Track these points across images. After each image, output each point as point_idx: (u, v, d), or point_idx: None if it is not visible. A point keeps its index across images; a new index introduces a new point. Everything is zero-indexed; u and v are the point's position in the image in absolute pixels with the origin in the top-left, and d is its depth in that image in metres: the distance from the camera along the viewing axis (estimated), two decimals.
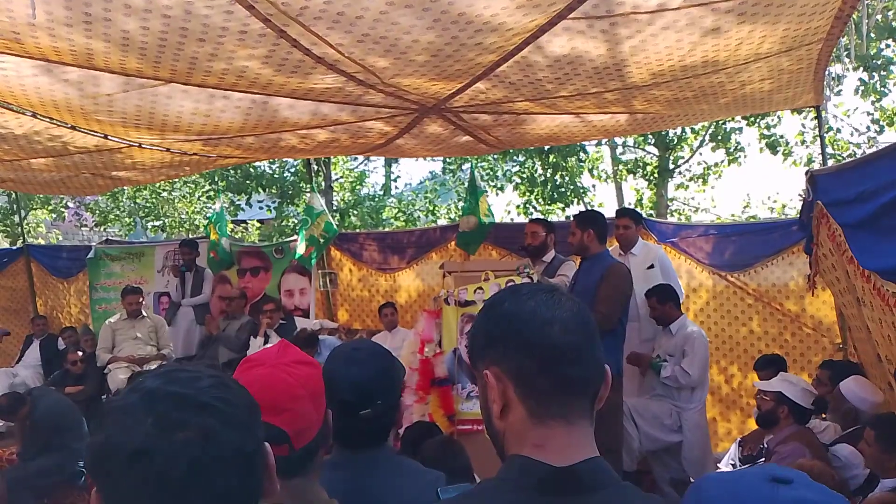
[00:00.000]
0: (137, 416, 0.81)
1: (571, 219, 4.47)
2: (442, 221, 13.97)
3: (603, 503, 0.96)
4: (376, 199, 14.87)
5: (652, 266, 5.03)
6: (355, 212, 13.93)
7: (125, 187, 10.60)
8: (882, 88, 9.94)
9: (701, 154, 11.64)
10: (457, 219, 11.17)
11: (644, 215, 7.06)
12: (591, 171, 12.12)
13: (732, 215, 12.66)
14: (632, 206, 11.43)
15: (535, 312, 1.03)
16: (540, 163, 11.49)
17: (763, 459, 3.58)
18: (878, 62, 9.70)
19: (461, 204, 13.73)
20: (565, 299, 1.06)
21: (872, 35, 8.64)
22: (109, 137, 4.39)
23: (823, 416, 4.04)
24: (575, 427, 1.00)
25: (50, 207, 14.26)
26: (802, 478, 0.87)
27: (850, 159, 10.17)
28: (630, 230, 5.12)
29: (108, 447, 0.81)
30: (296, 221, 13.33)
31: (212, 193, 13.54)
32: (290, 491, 1.30)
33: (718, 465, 4.42)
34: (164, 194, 13.92)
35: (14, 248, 9.87)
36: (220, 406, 0.84)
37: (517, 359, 1.02)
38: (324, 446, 1.40)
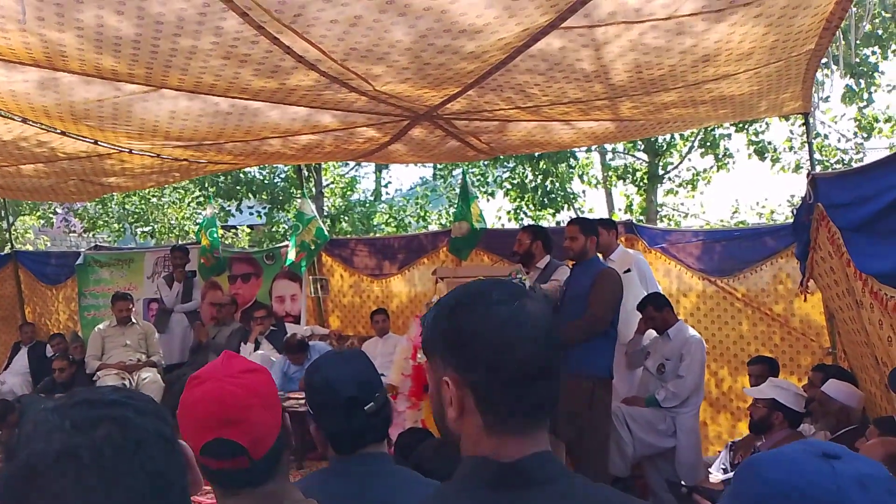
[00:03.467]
0: (54, 423, 0.82)
1: (570, 223, 4.44)
2: (433, 227, 13.98)
3: (553, 495, 0.96)
4: (367, 205, 14.86)
5: (629, 270, 5.04)
6: (346, 218, 13.92)
7: (114, 193, 10.55)
8: (868, 95, 10.06)
9: (690, 160, 11.75)
10: (448, 224, 11.19)
11: (634, 221, 7.10)
12: (581, 176, 12.19)
13: (721, 221, 12.76)
14: (611, 214, 11.50)
15: (505, 327, 0.98)
16: (530, 169, 11.55)
17: None
18: (864, 69, 9.82)
19: (452, 209, 13.78)
20: (536, 309, 1.01)
21: (859, 42, 8.73)
22: (99, 143, 4.37)
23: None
24: (529, 438, 1.00)
25: (38, 213, 14.17)
26: (845, 451, 0.88)
27: (839, 165, 10.29)
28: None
29: (31, 461, 0.80)
30: (286, 227, 13.31)
31: (202, 199, 13.49)
32: (264, 498, 1.30)
33: (710, 469, 4.43)
34: (154, 200, 13.86)
35: (2, 254, 9.79)
36: (127, 401, 0.86)
37: (481, 375, 0.98)
38: (287, 448, 1.40)
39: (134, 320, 6.67)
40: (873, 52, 9.84)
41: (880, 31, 9.38)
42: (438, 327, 1.03)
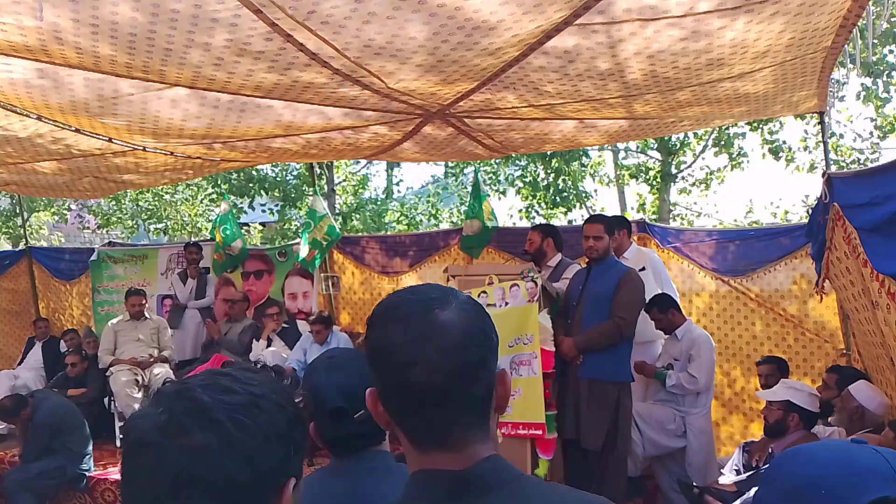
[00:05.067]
0: (163, 406, 0.85)
1: (593, 221, 4.38)
2: (444, 225, 13.98)
3: (510, 497, 0.94)
4: (378, 203, 14.88)
5: (643, 269, 5.01)
6: (358, 215, 13.94)
7: (128, 190, 10.61)
8: (885, 94, 9.95)
9: (704, 159, 11.69)
10: (459, 222, 11.17)
11: (647, 220, 7.07)
12: (593, 175, 12.14)
13: (735, 220, 12.68)
14: (623, 212, 11.44)
15: (396, 349, 0.93)
16: (542, 167, 11.51)
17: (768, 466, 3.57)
18: (881, 68, 9.71)
19: (463, 207, 13.75)
20: (446, 322, 0.94)
21: (876, 41, 8.64)
22: (114, 141, 4.39)
23: (829, 419, 4.04)
24: (462, 452, 0.95)
25: (53, 210, 14.29)
26: (862, 440, 0.99)
27: (854, 164, 10.19)
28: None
29: (129, 425, 0.85)
30: (298, 224, 13.35)
31: (215, 196, 13.56)
32: None
33: (722, 470, 4.40)
34: (167, 197, 13.94)
35: (17, 249, 9.87)
36: (231, 428, 0.83)
37: (383, 394, 0.98)
38: None
39: (147, 315, 6.70)
40: (891, 51, 9.74)
41: None
42: (365, 336, 1.02)
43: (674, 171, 11.53)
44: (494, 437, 1.00)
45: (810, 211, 4.97)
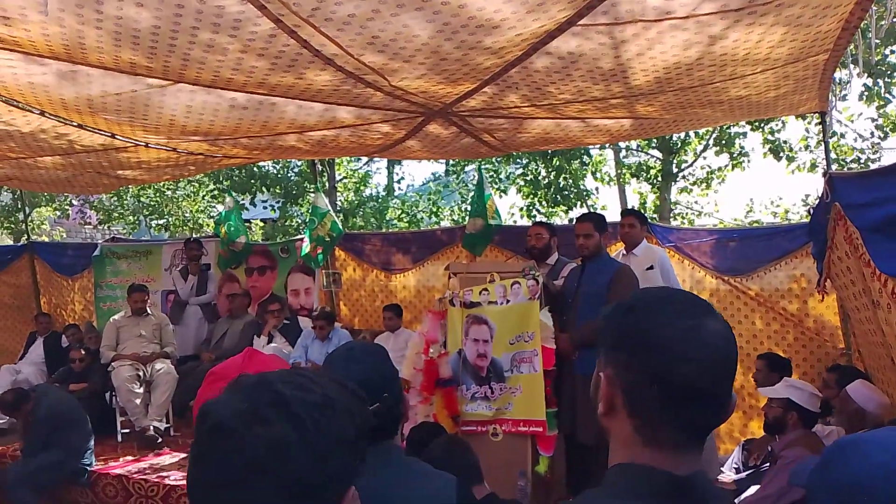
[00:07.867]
0: (243, 395, 0.85)
1: (583, 220, 4.43)
2: (445, 223, 13.98)
3: None
4: (380, 200, 14.88)
5: (651, 267, 5.02)
6: (360, 212, 13.94)
7: (129, 186, 10.61)
8: (886, 94, 9.93)
9: (705, 158, 11.66)
10: (460, 220, 11.16)
11: (647, 218, 7.07)
12: (594, 174, 12.13)
13: (735, 220, 12.67)
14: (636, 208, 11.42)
15: (672, 341, 0.92)
16: (543, 165, 11.51)
17: (768, 464, 3.58)
18: (883, 68, 9.70)
19: (465, 205, 13.76)
20: (716, 329, 0.95)
21: (878, 41, 8.64)
22: (116, 136, 4.40)
23: (828, 419, 4.05)
24: (682, 454, 0.95)
25: (54, 205, 14.28)
26: None
27: (855, 164, 10.19)
28: (635, 229, 5.11)
29: (207, 409, 0.85)
30: (299, 221, 13.35)
31: (216, 193, 13.56)
32: None
33: (722, 468, 4.42)
34: (169, 193, 13.93)
35: (18, 245, 9.89)
36: (309, 424, 0.84)
37: (637, 381, 0.94)
38: None
39: (150, 311, 6.71)
40: (892, 51, 9.73)
41: None
42: (612, 322, 1.00)
43: (675, 170, 11.51)
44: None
45: (811, 210, 4.98)
